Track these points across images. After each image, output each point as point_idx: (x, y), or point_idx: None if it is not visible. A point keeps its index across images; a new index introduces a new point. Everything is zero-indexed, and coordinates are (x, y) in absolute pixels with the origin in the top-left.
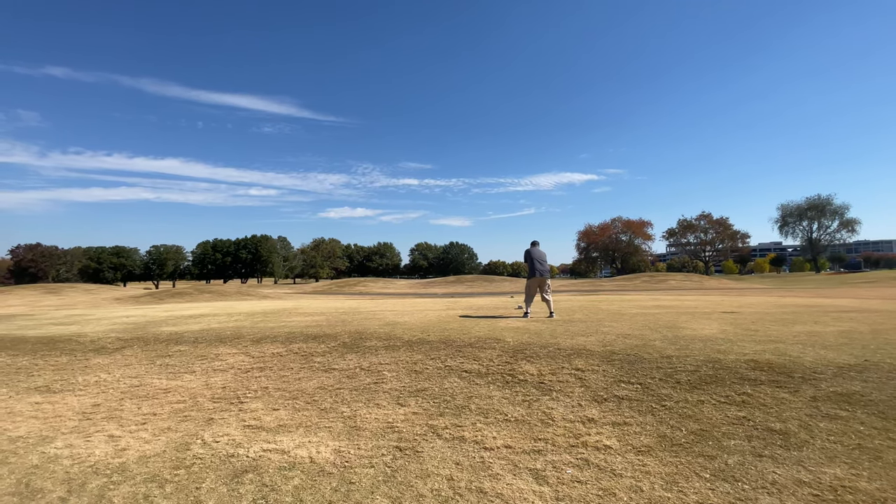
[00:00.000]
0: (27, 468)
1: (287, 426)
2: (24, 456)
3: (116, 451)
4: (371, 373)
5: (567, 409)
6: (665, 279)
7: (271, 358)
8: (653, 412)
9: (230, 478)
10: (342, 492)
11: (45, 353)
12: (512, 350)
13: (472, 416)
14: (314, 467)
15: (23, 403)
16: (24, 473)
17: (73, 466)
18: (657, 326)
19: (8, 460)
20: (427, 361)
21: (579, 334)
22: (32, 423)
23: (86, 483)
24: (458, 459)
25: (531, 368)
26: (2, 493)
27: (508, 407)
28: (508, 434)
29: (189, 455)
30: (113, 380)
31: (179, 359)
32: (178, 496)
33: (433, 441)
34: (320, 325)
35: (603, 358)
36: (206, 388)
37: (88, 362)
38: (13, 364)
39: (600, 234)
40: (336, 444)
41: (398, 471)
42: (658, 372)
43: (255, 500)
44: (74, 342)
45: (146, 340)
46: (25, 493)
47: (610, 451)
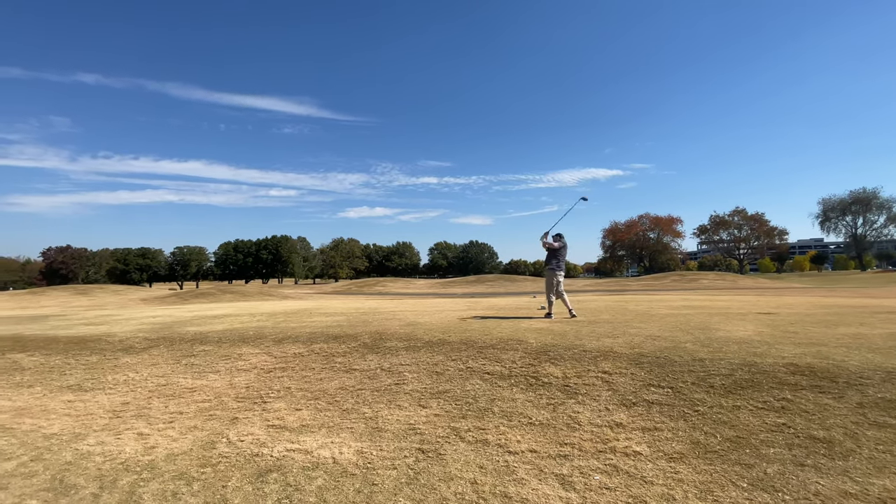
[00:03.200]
0: (61, 465)
1: (310, 426)
2: (58, 452)
3: (145, 448)
4: (392, 374)
5: (594, 414)
6: (696, 278)
7: (293, 358)
8: (685, 417)
9: (255, 477)
10: (365, 493)
11: (77, 353)
12: (535, 352)
13: (495, 419)
14: (337, 468)
15: (56, 401)
16: (58, 469)
17: (104, 463)
18: (688, 328)
19: (43, 457)
20: (448, 363)
21: (605, 336)
22: (66, 420)
23: (117, 480)
24: (482, 463)
25: (555, 371)
26: (38, 488)
27: (532, 410)
28: (533, 438)
29: (215, 454)
30: (141, 379)
31: (204, 358)
32: (205, 494)
33: (456, 444)
34: (341, 325)
35: (631, 360)
36: (230, 387)
37: (118, 361)
38: (47, 363)
39: (627, 232)
40: (358, 444)
41: (421, 473)
42: (690, 375)
43: (279, 500)
44: (104, 342)
45: (172, 340)
46: (60, 489)
47: (640, 458)
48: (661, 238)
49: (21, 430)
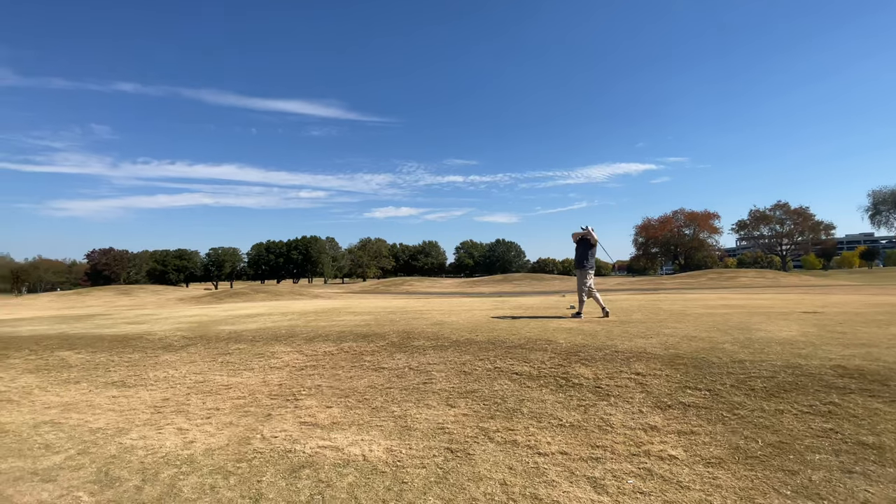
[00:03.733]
0: (106, 458)
1: (340, 424)
2: (103, 446)
3: (185, 443)
4: (420, 373)
5: (627, 416)
6: (735, 276)
7: (323, 356)
8: (724, 421)
9: (288, 472)
10: (395, 491)
11: (120, 351)
12: (565, 352)
13: (524, 420)
14: (367, 465)
15: (101, 397)
16: (103, 462)
17: (146, 457)
18: (727, 328)
19: (89, 450)
20: (476, 362)
21: (638, 336)
22: (110, 415)
23: (158, 473)
24: (511, 464)
25: (586, 372)
26: (84, 480)
27: (563, 412)
28: (563, 440)
29: (250, 449)
30: (179, 376)
31: (238, 356)
32: (241, 488)
33: (485, 444)
34: (369, 324)
35: (666, 362)
36: (263, 384)
37: (158, 359)
38: (92, 360)
39: (660, 228)
40: (388, 443)
41: (450, 472)
42: (729, 378)
43: (311, 496)
44: (145, 340)
45: (208, 339)
46: (105, 482)
47: (675, 462)
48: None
49: (69, 424)
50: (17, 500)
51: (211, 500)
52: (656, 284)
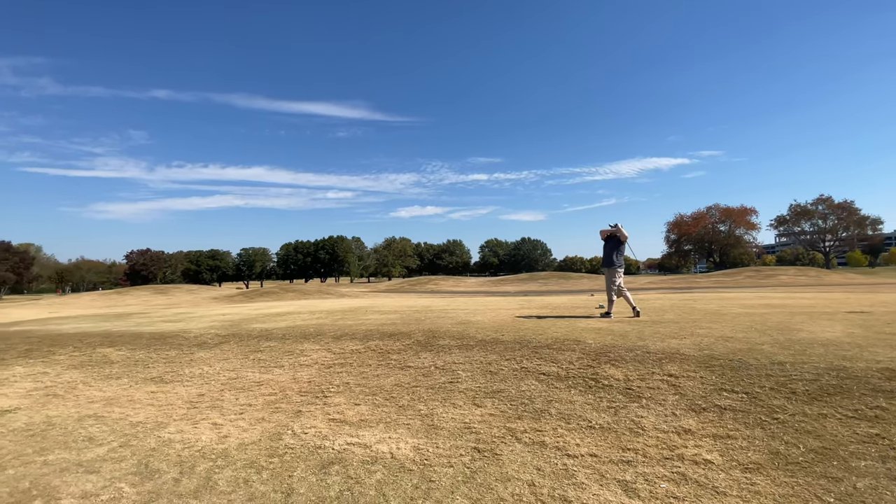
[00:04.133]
0: (146, 450)
1: (368, 421)
2: (143, 439)
3: (219, 437)
4: (446, 372)
5: (659, 419)
6: (774, 274)
7: (351, 354)
8: (762, 425)
9: (318, 468)
10: (423, 489)
11: (158, 348)
12: (594, 353)
13: (552, 421)
14: (395, 463)
15: (141, 392)
16: (143, 455)
17: (183, 450)
18: (766, 328)
19: (130, 443)
20: (502, 362)
21: (671, 336)
22: (149, 409)
23: (195, 466)
24: (540, 465)
25: (616, 373)
26: (125, 472)
27: (592, 413)
28: (593, 442)
29: (281, 445)
30: (214, 372)
31: (269, 354)
32: (273, 483)
33: (512, 444)
34: (395, 323)
35: (700, 363)
36: (293, 381)
37: (193, 356)
38: (132, 357)
39: (694, 225)
40: (415, 441)
41: (477, 472)
42: (768, 380)
43: (341, 492)
44: (181, 338)
45: (240, 336)
46: (145, 473)
47: (711, 467)
48: (732, 231)
49: (111, 418)
50: (63, 491)
51: (245, 493)
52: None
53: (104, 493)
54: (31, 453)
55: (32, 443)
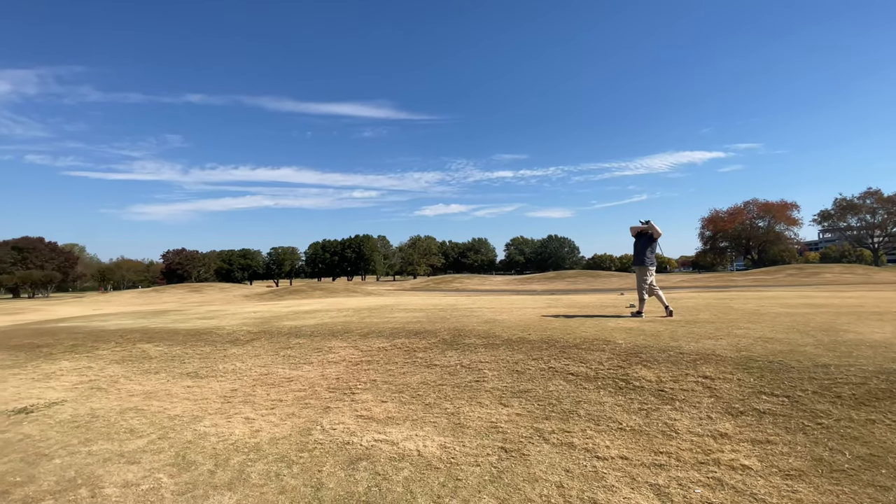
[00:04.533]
0: (183, 443)
1: (395, 418)
2: (180, 432)
3: (252, 431)
4: (472, 370)
5: (693, 422)
6: (818, 272)
7: (377, 352)
8: (804, 430)
9: (347, 464)
10: (450, 487)
11: (193, 344)
12: (624, 353)
13: (581, 422)
14: (422, 461)
15: (178, 387)
16: (181, 447)
17: (218, 443)
18: (808, 329)
19: (168, 435)
20: (529, 362)
21: (706, 337)
22: (185, 403)
23: (229, 459)
24: (568, 466)
25: (648, 374)
26: (164, 463)
27: (623, 415)
28: (623, 444)
29: (311, 440)
30: (246, 368)
31: (298, 351)
32: (303, 477)
33: (540, 445)
34: (420, 321)
35: (737, 364)
36: (322, 378)
37: (226, 352)
38: (169, 352)
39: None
40: (441, 439)
41: (504, 472)
42: (811, 383)
43: (369, 488)
44: (215, 334)
45: (271, 333)
46: (182, 465)
47: (749, 473)
48: (772, 226)
49: (150, 411)
50: (106, 480)
51: (276, 486)
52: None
53: (144, 482)
54: (77, 444)
55: (78, 434)
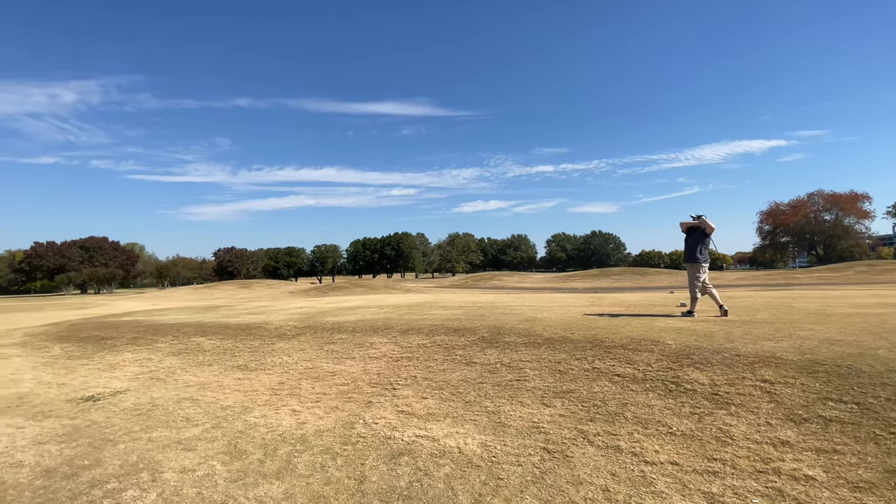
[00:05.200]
0: (234, 432)
1: (435, 415)
2: (231, 422)
3: (298, 423)
4: (512, 369)
5: (751, 428)
6: (892, 269)
7: (417, 349)
8: (876, 440)
9: (388, 458)
10: (491, 486)
11: (243, 338)
12: (674, 354)
13: (627, 425)
14: (463, 458)
15: (229, 378)
16: (232, 436)
17: (267, 434)
18: (882, 331)
19: (221, 425)
20: (572, 362)
21: (765, 338)
22: (236, 395)
23: (277, 449)
24: (615, 470)
25: (701, 377)
26: (217, 451)
27: (673, 419)
28: (674, 449)
29: (354, 433)
30: (292, 362)
31: (341, 346)
32: (347, 469)
33: (584, 447)
34: (459, 318)
35: (800, 368)
36: (364, 373)
37: (274, 346)
38: (221, 346)
39: (792, 214)
40: (482, 437)
41: (547, 473)
42: (884, 390)
43: (410, 483)
44: (263, 329)
45: (315, 329)
46: (234, 453)
47: (813, 484)
48: (840, 220)
49: (204, 401)
50: (165, 466)
51: (321, 478)
52: (787, 279)
53: (199, 469)
54: (138, 430)
55: (139, 421)
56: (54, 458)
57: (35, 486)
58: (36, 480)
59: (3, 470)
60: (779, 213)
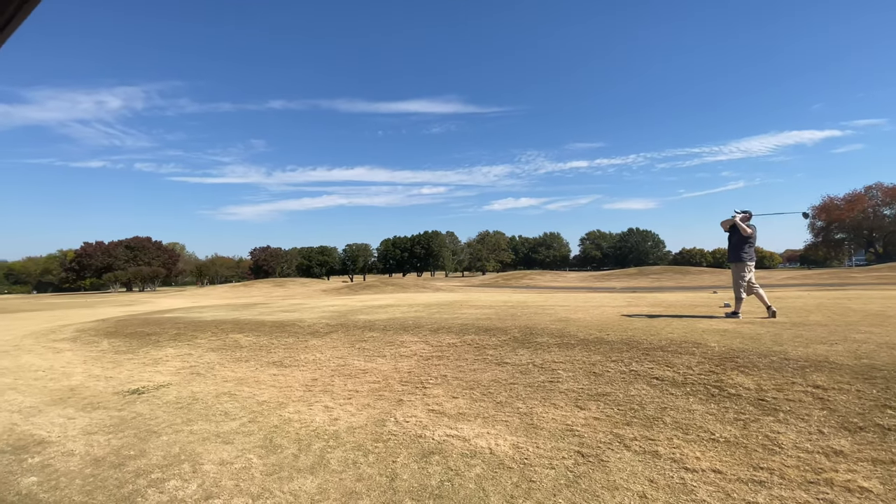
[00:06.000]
0: (270, 427)
1: (466, 415)
2: (267, 417)
3: (331, 419)
4: (545, 370)
5: (801, 436)
6: None
7: (447, 348)
8: None
9: (419, 457)
10: (523, 488)
11: (278, 335)
12: (718, 357)
13: (666, 430)
14: (494, 459)
15: (265, 374)
16: (268, 431)
17: (301, 429)
18: None
19: (257, 419)
20: (607, 363)
21: (817, 341)
22: (272, 390)
23: (311, 444)
24: (652, 476)
25: (746, 381)
26: (254, 445)
27: (715, 425)
28: (716, 456)
29: (385, 431)
30: (325, 359)
31: (372, 344)
32: (378, 466)
33: (620, 451)
34: (490, 318)
35: (856, 373)
36: (395, 371)
37: (307, 343)
38: (257, 342)
39: (848, 209)
40: (514, 439)
41: (581, 477)
42: None
43: (441, 482)
44: (296, 326)
45: (347, 327)
46: (269, 447)
47: (868, 496)
48: None
49: (241, 396)
50: (205, 458)
51: (353, 474)
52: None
53: (237, 462)
54: (180, 423)
55: (181, 414)
56: (102, 447)
57: (85, 475)
58: (86, 469)
59: (56, 458)
60: (833, 208)
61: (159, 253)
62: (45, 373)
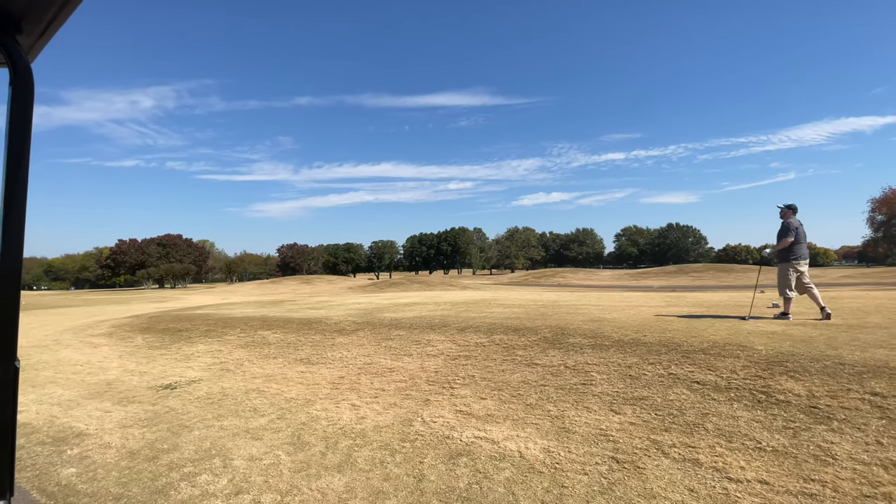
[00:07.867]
0: (298, 424)
1: (495, 417)
2: (295, 414)
3: (357, 418)
4: (577, 372)
5: (856, 447)
6: None
7: (475, 347)
8: None
9: (447, 458)
10: (554, 494)
11: (305, 332)
12: (765, 361)
13: (708, 438)
14: (524, 463)
15: (292, 371)
16: (296, 428)
17: (328, 427)
18: None
19: (285, 416)
20: (644, 366)
21: (876, 345)
22: (299, 388)
23: (338, 442)
24: (693, 486)
25: (796, 387)
26: (282, 441)
27: (762, 433)
28: (763, 466)
29: (412, 430)
30: (351, 357)
31: (399, 342)
32: (405, 466)
33: (657, 458)
34: (519, 317)
35: None
36: (421, 370)
37: (334, 341)
38: (285, 339)
39: None
40: (545, 442)
41: (616, 484)
42: None
43: (469, 485)
44: (323, 324)
45: (373, 325)
46: (297, 444)
47: None
48: None
49: (269, 392)
50: (235, 453)
51: (381, 473)
52: None
53: (266, 458)
54: (211, 418)
55: (211, 409)
56: (137, 441)
57: (121, 467)
58: (122, 461)
59: (93, 451)
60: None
61: (190, 250)
62: (82, 367)
